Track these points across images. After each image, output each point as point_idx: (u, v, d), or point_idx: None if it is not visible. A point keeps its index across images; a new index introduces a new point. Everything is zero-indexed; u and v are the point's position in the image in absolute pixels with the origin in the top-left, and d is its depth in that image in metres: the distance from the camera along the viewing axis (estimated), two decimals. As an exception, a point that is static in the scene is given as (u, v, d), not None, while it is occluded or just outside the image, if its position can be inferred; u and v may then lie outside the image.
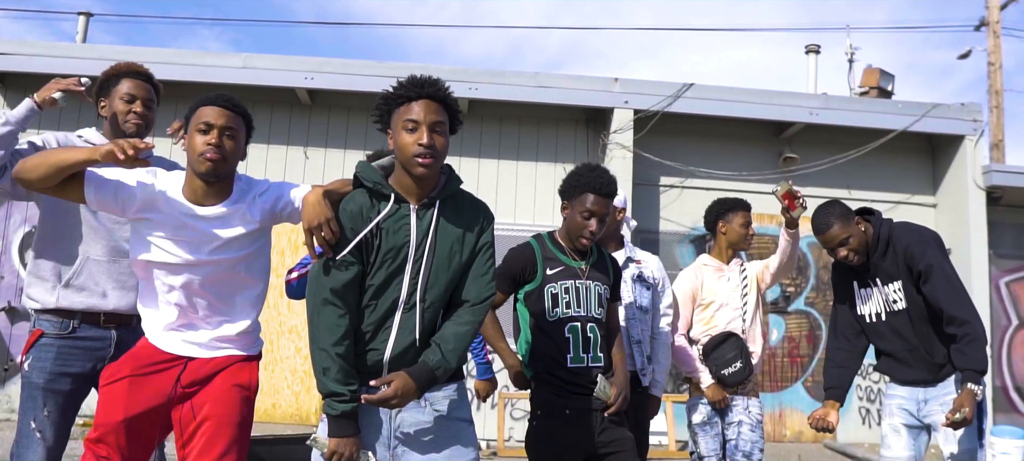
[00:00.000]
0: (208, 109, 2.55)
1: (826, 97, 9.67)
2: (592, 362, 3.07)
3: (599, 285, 3.16)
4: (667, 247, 9.21)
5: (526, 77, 8.99)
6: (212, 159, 2.49)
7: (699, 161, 9.38)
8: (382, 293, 2.43)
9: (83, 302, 2.88)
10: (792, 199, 3.81)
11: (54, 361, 2.84)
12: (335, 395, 2.33)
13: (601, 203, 3.10)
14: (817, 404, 9.14)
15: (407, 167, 2.43)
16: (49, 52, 9.04)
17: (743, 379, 4.03)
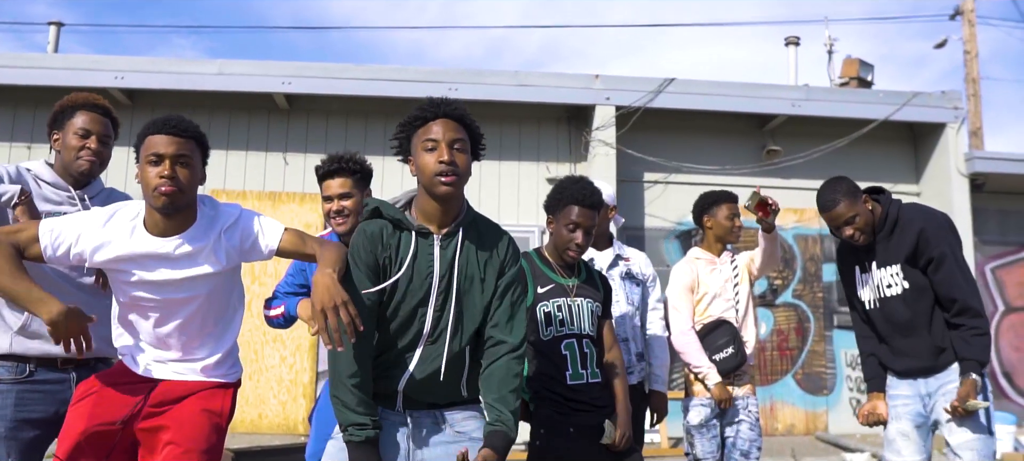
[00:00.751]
0: (156, 138, 2.40)
1: (808, 88, 9.66)
2: (591, 378, 3.03)
3: (590, 302, 3.12)
4: (653, 243, 9.17)
5: (506, 76, 8.92)
6: (167, 192, 2.36)
7: (683, 156, 9.33)
8: (406, 325, 2.37)
9: (38, 348, 2.70)
10: (764, 208, 3.79)
11: (15, 407, 2.66)
12: (356, 425, 2.28)
13: (586, 215, 3.05)
14: (808, 397, 9.16)
15: (430, 189, 2.37)
16: (20, 63, 8.86)
17: (735, 366, 3.97)
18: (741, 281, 4.13)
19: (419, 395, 2.39)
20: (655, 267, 4.20)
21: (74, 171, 2.85)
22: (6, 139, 8.94)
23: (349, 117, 9.18)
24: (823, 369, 9.28)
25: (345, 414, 2.29)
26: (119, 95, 8.80)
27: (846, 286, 3.69)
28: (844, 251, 3.65)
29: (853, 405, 9.22)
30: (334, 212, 3.25)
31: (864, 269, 3.54)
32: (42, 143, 8.94)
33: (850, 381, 9.29)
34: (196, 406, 2.50)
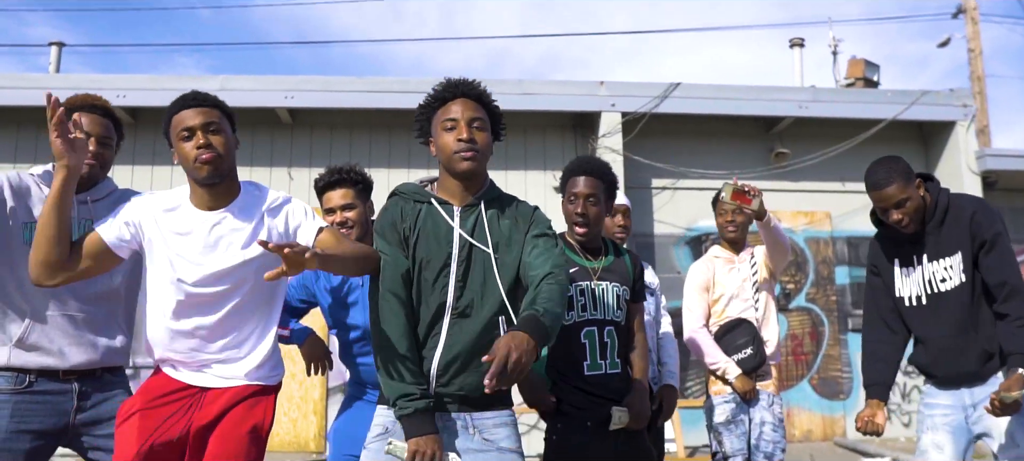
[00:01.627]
0: (183, 114, 2.44)
1: (815, 90, 9.57)
2: (610, 369, 2.89)
3: (616, 286, 2.98)
4: (663, 250, 9.06)
5: (510, 84, 8.84)
6: (208, 160, 2.40)
7: (690, 161, 9.24)
8: (430, 297, 2.33)
9: (37, 362, 2.63)
10: (742, 196, 3.68)
11: (11, 418, 2.58)
12: (405, 395, 2.24)
13: (588, 183, 2.96)
14: (824, 402, 9.03)
15: (450, 167, 2.40)
16: (22, 84, 8.81)
17: (755, 366, 3.90)
18: (760, 279, 4.05)
19: (452, 382, 2.31)
20: (666, 274, 4.15)
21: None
22: (9, 160, 8.88)
23: (353, 130, 9.10)
24: (839, 373, 9.15)
25: (391, 386, 2.26)
26: (122, 114, 8.72)
27: (875, 282, 3.39)
28: (883, 242, 3.36)
29: (870, 409, 9.09)
30: (337, 224, 3.14)
31: (908, 262, 3.26)
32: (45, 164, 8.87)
33: (866, 385, 9.15)
34: (239, 426, 2.47)
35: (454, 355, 2.31)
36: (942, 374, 3.21)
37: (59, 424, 2.64)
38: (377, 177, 3.42)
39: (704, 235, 8.95)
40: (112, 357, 2.72)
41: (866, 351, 3.39)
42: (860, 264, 9.35)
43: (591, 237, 3.02)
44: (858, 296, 9.26)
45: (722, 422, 3.93)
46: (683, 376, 8.86)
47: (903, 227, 3.15)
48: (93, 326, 2.69)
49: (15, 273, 2.64)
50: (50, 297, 2.63)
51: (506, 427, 2.36)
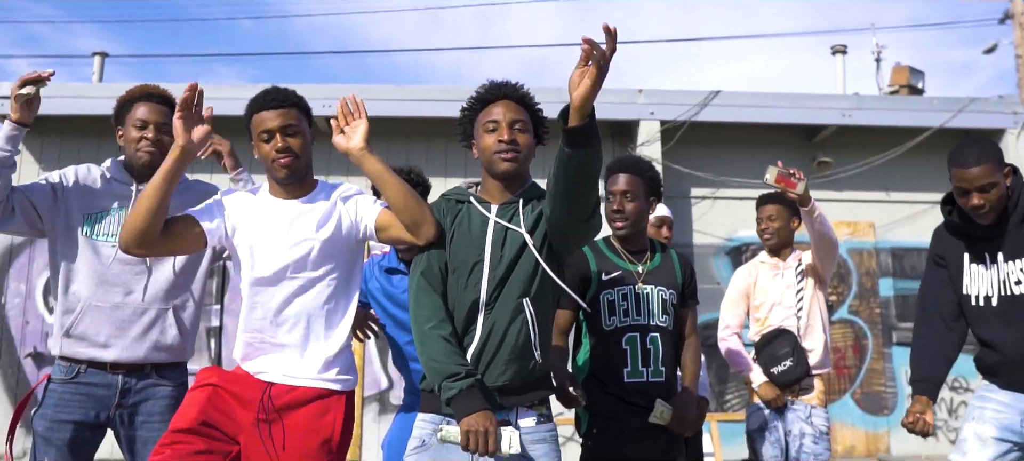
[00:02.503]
0: (264, 115, 2.49)
1: (858, 97, 9.40)
2: (652, 377, 2.79)
3: (662, 290, 2.88)
4: (702, 260, 8.93)
5: (548, 92, 8.73)
6: (285, 164, 2.46)
7: (730, 170, 9.10)
8: (462, 293, 2.32)
9: (84, 353, 2.69)
10: (787, 179, 3.56)
11: (54, 407, 2.67)
12: (450, 376, 2.19)
13: (625, 180, 2.90)
14: (868, 417, 8.83)
15: (490, 168, 2.39)
16: (66, 93, 8.96)
17: (794, 379, 3.80)
18: (806, 286, 3.94)
19: (489, 374, 2.27)
20: (705, 285, 4.07)
21: (136, 163, 2.82)
22: (53, 167, 9.01)
23: (390, 138, 9.11)
24: (883, 388, 8.94)
25: (435, 371, 2.22)
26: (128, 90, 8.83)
27: (936, 274, 3.13)
28: (954, 232, 3.08)
29: (915, 425, 8.87)
30: None
31: (980, 258, 2.99)
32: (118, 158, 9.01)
33: (912, 400, 8.93)
34: (310, 439, 2.41)
35: (488, 347, 2.28)
36: (1008, 380, 2.97)
37: (100, 416, 2.68)
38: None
39: (744, 245, 8.81)
40: (161, 354, 2.73)
41: (918, 346, 3.12)
42: (904, 275, 9.14)
43: (632, 235, 2.94)
44: (903, 309, 9.05)
45: (755, 429, 3.88)
46: (722, 389, 8.72)
47: (981, 215, 2.88)
48: (142, 323, 2.72)
49: (72, 265, 2.72)
50: (102, 291, 2.69)
51: (546, 443, 2.31)
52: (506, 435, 2.16)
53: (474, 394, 2.18)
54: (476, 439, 2.13)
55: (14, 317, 8.66)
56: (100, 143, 9.12)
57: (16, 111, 2.68)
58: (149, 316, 2.73)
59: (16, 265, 8.76)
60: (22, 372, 8.55)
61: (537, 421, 2.33)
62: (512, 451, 2.16)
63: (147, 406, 2.72)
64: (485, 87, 2.45)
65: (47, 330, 8.63)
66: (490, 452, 2.13)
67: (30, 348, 8.57)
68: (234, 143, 3.15)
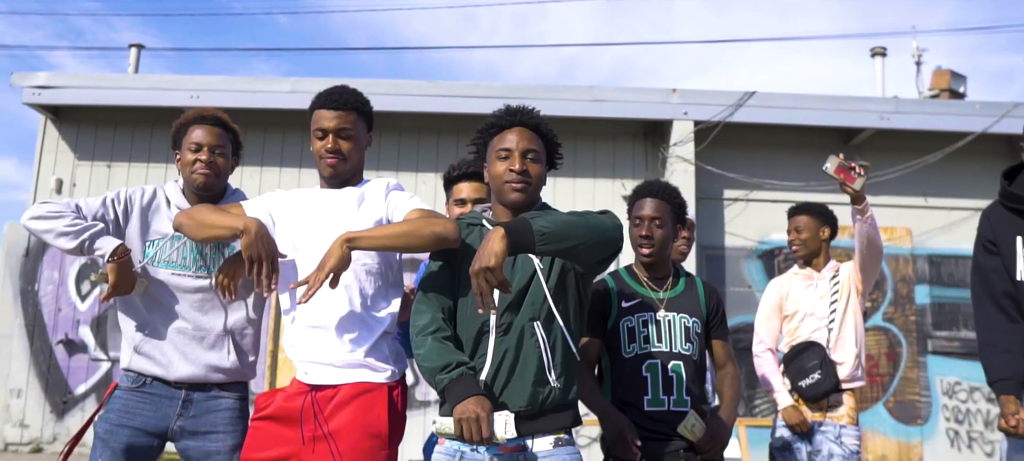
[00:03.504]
0: (322, 113, 2.57)
1: (897, 100, 9.20)
2: (675, 406, 2.71)
3: (685, 318, 2.82)
4: (733, 263, 8.81)
5: (581, 91, 8.72)
6: (332, 164, 2.54)
7: (764, 172, 8.96)
8: (472, 317, 2.26)
9: (151, 369, 2.79)
10: (847, 172, 3.44)
11: (118, 412, 2.76)
12: (443, 367, 2.15)
13: (653, 205, 2.84)
14: (900, 427, 8.66)
15: (500, 196, 2.36)
16: (101, 84, 9.06)
17: (822, 393, 3.70)
18: (840, 297, 3.84)
19: (502, 397, 2.21)
20: (736, 288, 3.98)
21: (191, 185, 2.88)
22: (87, 158, 9.13)
23: (421, 134, 9.10)
24: (917, 397, 8.76)
25: (427, 369, 2.18)
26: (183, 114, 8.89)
27: (989, 260, 2.84)
28: (1005, 214, 2.83)
29: (950, 436, 8.68)
30: None
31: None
32: (121, 161, 9.12)
33: (946, 411, 8.74)
34: (356, 434, 2.41)
35: (501, 373, 2.22)
36: None
37: (161, 426, 2.76)
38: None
39: (776, 249, 8.67)
40: (220, 375, 2.79)
41: (986, 341, 2.80)
42: (942, 283, 8.95)
43: (657, 261, 2.89)
44: (939, 317, 8.86)
45: (778, 447, 3.80)
46: (751, 394, 8.60)
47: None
48: (203, 346, 2.78)
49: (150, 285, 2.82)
50: (164, 314, 2.78)
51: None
52: (500, 419, 2.06)
53: (466, 381, 2.12)
54: (469, 427, 2.05)
55: (47, 304, 8.77)
56: (134, 133, 9.21)
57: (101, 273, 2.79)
58: (209, 340, 2.79)
59: (49, 253, 8.86)
60: (54, 358, 8.66)
61: (555, 444, 2.24)
62: (508, 435, 2.05)
63: (209, 418, 2.78)
64: (501, 112, 2.41)
65: (78, 317, 8.73)
66: (484, 438, 2.05)
67: (62, 335, 8.67)
68: (271, 134, 3.14)
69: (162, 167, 8.98)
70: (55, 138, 9.21)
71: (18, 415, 8.55)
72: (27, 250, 8.86)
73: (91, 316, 8.72)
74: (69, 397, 8.57)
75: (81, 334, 8.69)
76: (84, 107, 9.10)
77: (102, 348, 8.64)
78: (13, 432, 8.53)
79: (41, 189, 9.01)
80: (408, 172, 8.94)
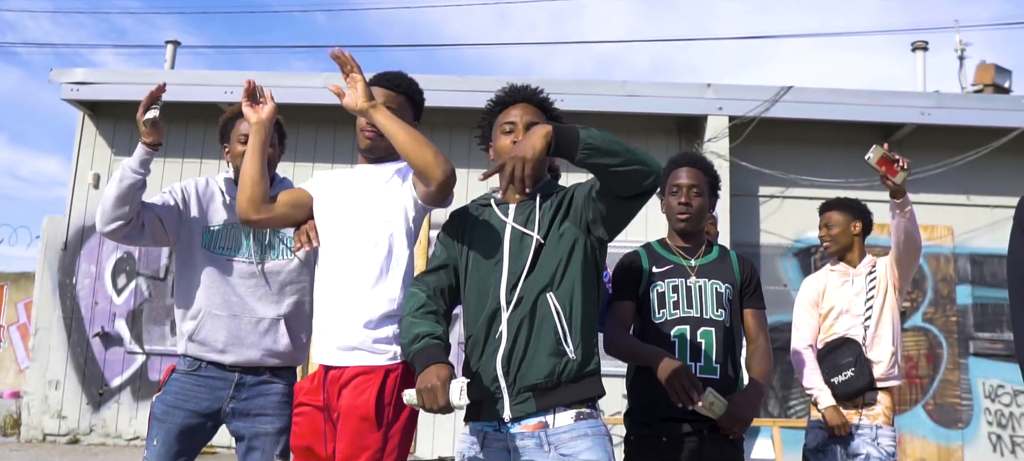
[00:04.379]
0: (375, 89, 2.59)
1: (939, 95, 8.99)
2: (702, 372, 2.63)
3: (717, 283, 2.74)
4: (769, 260, 8.66)
5: (614, 86, 8.63)
6: (369, 137, 2.58)
7: (801, 169, 8.80)
8: (483, 295, 2.25)
9: (205, 355, 2.90)
10: (889, 164, 3.30)
11: (174, 394, 2.89)
12: (413, 339, 2.19)
13: (692, 173, 2.80)
14: (940, 430, 8.47)
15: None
16: (137, 80, 9.15)
17: (855, 391, 3.58)
18: (877, 293, 3.72)
19: (518, 375, 2.17)
20: (771, 287, 3.89)
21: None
22: (124, 152, 9.23)
23: (453, 129, 9.07)
24: (957, 400, 8.56)
25: (403, 344, 2.26)
26: (228, 109, 8.95)
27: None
28: None
29: (992, 440, 8.47)
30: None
31: None
32: (157, 157, 9.18)
33: (989, 414, 8.53)
34: (347, 407, 2.43)
35: (517, 348, 2.19)
36: None
37: (213, 407, 2.87)
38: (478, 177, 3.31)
39: (813, 247, 8.51)
40: (274, 359, 2.88)
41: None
42: (984, 283, 8.74)
43: (694, 230, 2.83)
44: (981, 318, 8.65)
45: (812, 449, 3.70)
46: (787, 394, 8.47)
47: None
48: (257, 331, 2.87)
49: (195, 274, 2.92)
50: (220, 301, 2.88)
51: (587, 438, 2.16)
52: (456, 386, 2.04)
53: (429, 350, 2.14)
54: (428, 396, 2.05)
55: (84, 297, 8.89)
56: (169, 128, 9.28)
57: (147, 135, 2.89)
58: (263, 325, 2.88)
59: (87, 247, 8.98)
60: (91, 351, 8.77)
61: (577, 418, 2.18)
62: (462, 402, 2.03)
63: (259, 401, 2.87)
64: (504, 90, 2.44)
65: (115, 311, 8.84)
66: (441, 406, 2.04)
67: (98, 328, 8.78)
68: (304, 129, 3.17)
69: (196, 162, 9.06)
70: (93, 133, 9.33)
71: (56, 406, 8.68)
72: (65, 244, 8.99)
73: (127, 310, 8.82)
74: (105, 389, 8.68)
75: (117, 327, 8.80)
76: (120, 103, 9.19)
77: (137, 341, 8.74)
78: (51, 423, 8.66)
79: (79, 184, 9.13)
80: (440, 168, 8.93)
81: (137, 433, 8.55)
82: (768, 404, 8.27)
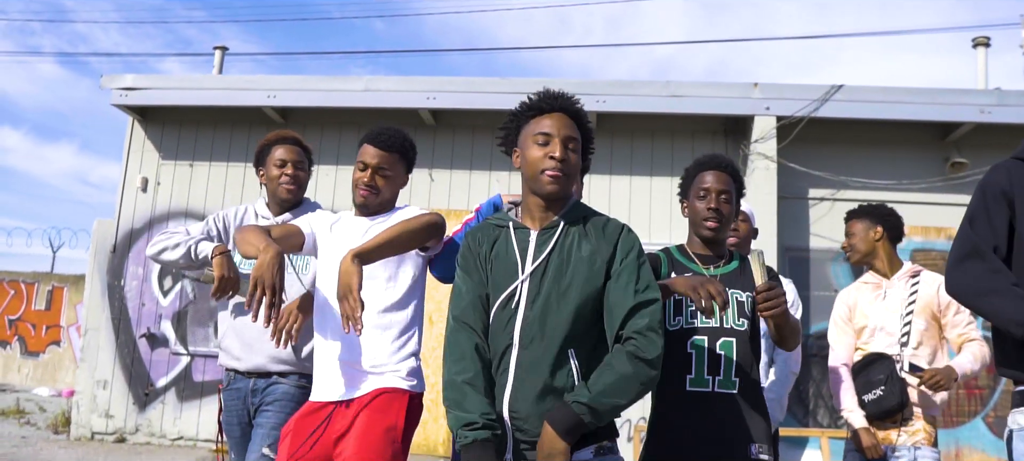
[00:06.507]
0: (367, 148, 2.82)
1: (1000, 93, 8.59)
2: (720, 386, 2.47)
3: (738, 292, 2.59)
4: (819, 266, 8.39)
5: (658, 87, 8.45)
6: (364, 195, 2.80)
7: (852, 170, 8.51)
8: (496, 330, 2.13)
9: (229, 363, 3.22)
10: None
11: (226, 410, 3.24)
12: (467, 425, 2.01)
13: (718, 177, 2.66)
14: (999, 443, 8.07)
15: (535, 186, 2.21)
16: (185, 85, 9.25)
17: (884, 411, 3.38)
18: (917, 312, 3.47)
19: (526, 420, 2.06)
20: (821, 293, 3.70)
21: (278, 196, 3.32)
22: (171, 157, 9.35)
23: (495, 133, 8.99)
24: (1020, 411, 8.16)
25: (456, 416, 2.04)
26: (272, 113, 9.01)
27: (1003, 220, 2.35)
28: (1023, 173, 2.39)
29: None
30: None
31: None
32: (202, 161, 9.30)
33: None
34: (372, 427, 2.59)
35: (524, 390, 2.07)
36: None
37: (244, 413, 3.18)
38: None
39: (866, 251, 8.21)
40: (280, 366, 3.12)
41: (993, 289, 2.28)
42: (1049, 289, 8.33)
43: (719, 239, 2.69)
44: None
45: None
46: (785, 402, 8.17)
47: None
48: (264, 340, 3.05)
49: None
50: (239, 313, 3.17)
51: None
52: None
53: (486, 449, 1.99)
54: None
55: (131, 299, 9.02)
56: (215, 133, 9.40)
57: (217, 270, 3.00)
58: (269, 334, 3.00)
59: (134, 249, 9.12)
60: (137, 351, 8.90)
61: (596, 453, 2.10)
62: None
63: (267, 397, 3.13)
64: (540, 95, 2.27)
65: (161, 312, 8.95)
66: None
67: (144, 329, 8.90)
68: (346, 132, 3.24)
69: (241, 166, 9.13)
70: (141, 138, 9.47)
71: (104, 405, 8.82)
72: (114, 247, 9.14)
73: (173, 311, 8.93)
74: (150, 389, 8.80)
75: (163, 328, 8.91)
76: (168, 108, 9.32)
77: (182, 342, 8.84)
78: (99, 422, 8.80)
79: (128, 188, 9.27)
80: (482, 170, 8.85)
81: (181, 433, 8.64)
82: (817, 414, 8.00)
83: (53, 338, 15.41)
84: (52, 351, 15.36)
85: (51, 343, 15.39)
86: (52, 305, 15.57)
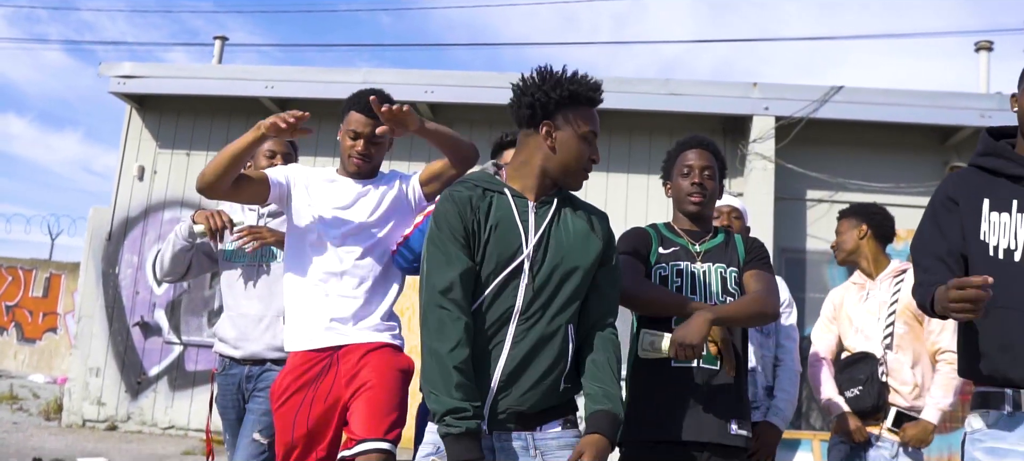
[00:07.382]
0: (357, 117, 2.80)
1: (1001, 97, 8.54)
2: (705, 363, 2.48)
3: (722, 267, 2.61)
4: (815, 268, 8.36)
5: (657, 84, 8.42)
6: (358, 164, 2.84)
7: (850, 172, 8.47)
8: (497, 299, 2.09)
9: (225, 350, 3.28)
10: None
11: (219, 396, 3.31)
12: (455, 411, 1.95)
13: (700, 154, 2.70)
14: (994, 448, 8.03)
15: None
16: (183, 74, 9.24)
17: (861, 411, 3.35)
18: (899, 314, 3.40)
19: (513, 394, 2.07)
20: (817, 295, 3.67)
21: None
22: (168, 146, 9.34)
23: (493, 127, 8.95)
24: (1014, 417, 8.13)
25: (439, 400, 1.96)
26: (270, 104, 8.99)
27: (945, 219, 2.43)
28: (976, 173, 2.50)
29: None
30: None
31: (1002, 205, 2.36)
32: (200, 150, 9.30)
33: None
34: (386, 361, 2.71)
35: (519, 364, 2.07)
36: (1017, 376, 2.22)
37: (239, 398, 3.25)
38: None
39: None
40: (275, 353, 3.16)
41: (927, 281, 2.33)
42: (1047, 296, 8.29)
43: (704, 215, 2.72)
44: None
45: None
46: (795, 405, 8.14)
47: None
48: (259, 328, 3.20)
49: (221, 283, 3.37)
50: (233, 302, 3.26)
51: (572, 450, 2.08)
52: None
53: (475, 442, 1.96)
54: None
55: (126, 287, 9.01)
56: (213, 122, 9.38)
57: (201, 223, 3.18)
58: (264, 323, 3.21)
59: (130, 238, 9.11)
60: (130, 339, 8.89)
61: (563, 426, 2.15)
62: None
63: (261, 382, 3.18)
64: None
65: (155, 301, 8.95)
66: None
67: (138, 317, 8.89)
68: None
69: (238, 156, 9.11)
70: (139, 127, 9.46)
71: (96, 393, 8.81)
72: (110, 234, 9.13)
73: (166, 300, 8.92)
74: (143, 378, 8.78)
75: (156, 317, 8.90)
76: (165, 96, 9.31)
77: (175, 332, 8.83)
78: (91, 409, 8.79)
79: (124, 176, 9.26)
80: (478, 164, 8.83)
81: (172, 422, 8.63)
82: (810, 417, 7.97)
83: (50, 325, 15.42)
84: (48, 338, 15.37)
85: (48, 330, 15.40)
86: (49, 292, 15.57)
